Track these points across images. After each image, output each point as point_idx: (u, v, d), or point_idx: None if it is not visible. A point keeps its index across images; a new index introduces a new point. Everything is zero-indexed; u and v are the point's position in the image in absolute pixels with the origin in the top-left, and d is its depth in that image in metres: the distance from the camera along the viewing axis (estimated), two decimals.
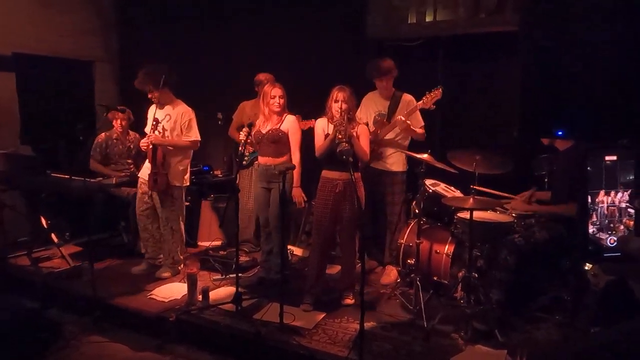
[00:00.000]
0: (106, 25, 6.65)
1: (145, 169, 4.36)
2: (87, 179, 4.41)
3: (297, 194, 4.08)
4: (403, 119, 3.99)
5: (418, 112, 4.16)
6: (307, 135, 4.19)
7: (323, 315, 3.66)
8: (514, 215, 3.69)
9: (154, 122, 4.15)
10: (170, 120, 4.26)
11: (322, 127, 3.78)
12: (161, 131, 4.23)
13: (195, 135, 4.35)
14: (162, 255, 4.52)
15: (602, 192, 0.69)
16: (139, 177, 4.47)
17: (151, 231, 4.46)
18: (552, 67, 2.17)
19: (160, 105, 4.27)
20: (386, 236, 4.41)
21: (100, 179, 4.85)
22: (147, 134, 4.25)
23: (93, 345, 3.53)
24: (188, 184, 4.50)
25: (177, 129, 4.28)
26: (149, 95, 4.23)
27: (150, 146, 4.17)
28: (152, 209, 4.41)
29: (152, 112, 4.34)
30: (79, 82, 6.47)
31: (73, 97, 6.31)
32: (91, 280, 3.81)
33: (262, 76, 4.86)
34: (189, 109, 4.34)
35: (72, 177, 4.61)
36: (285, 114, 4.10)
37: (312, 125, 4.39)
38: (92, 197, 4.86)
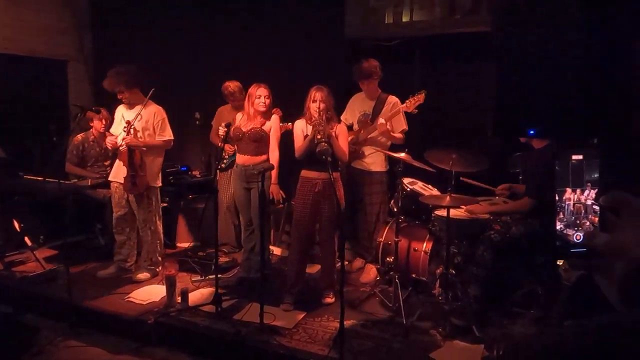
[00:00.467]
0: (80, 25, 6.53)
1: (119, 172, 4.27)
2: (61, 181, 4.33)
3: (275, 191, 4.08)
4: (384, 122, 4.02)
5: (401, 115, 4.19)
6: (286, 137, 4.19)
7: (303, 314, 3.67)
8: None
9: (126, 124, 4.09)
10: (142, 120, 4.20)
11: (301, 128, 3.78)
12: (133, 132, 4.17)
13: (169, 134, 4.31)
14: (130, 259, 4.45)
15: (569, 190, 0.72)
16: (111, 181, 4.37)
17: (128, 234, 4.40)
18: (524, 67, 2.22)
19: (130, 106, 4.22)
20: (366, 235, 4.45)
21: (75, 180, 4.76)
22: (112, 134, 4.20)
23: (69, 350, 3.47)
24: (160, 184, 4.45)
25: (150, 129, 4.24)
26: (119, 96, 4.18)
27: (124, 148, 4.10)
28: (130, 213, 4.35)
29: (120, 112, 4.28)
30: (52, 83, 6.34)
31: (46, 97, 6.18)
32: (67, 284, 3.74)
33: (230, 86, 4.83)
34: (161, 108, 4.30)
35: (46, 179, 4.52)
36: (270, 114, 4.11)
37: (288, 128, 4.40)
38: (67, 199, 4.76)
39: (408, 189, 4.08)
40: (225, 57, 5.54)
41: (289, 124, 4.38)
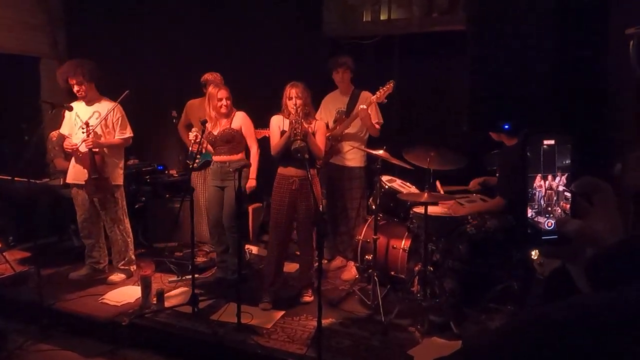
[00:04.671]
0: (53, 20, 6.36)
1: (77, 173, 4.11)
2: (31, 180, 4.19)
3: (251, 186, 4.06)
4: (365, 107, 4.03)
5: (375, 108, 4.21)
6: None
7: (282, 313, 3.63)
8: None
9: (85, 126, 3.95)
10: (100, 118, 4.08)
11: (277, 124, 3.75)
12: (94, 134, 4.02)
13: (129, 131, 4.21)
14: (103, 260, 4.34)
15: (539, 177, 0.70)
16: (70, 183, 4.21)
17: (96, 236, 4.29)
18: (497, 64, 2.24)
19: (88, 102, 4.11)
20: (347, 231, 4.44)
21: (47, 179, 4.62)
22: (64, 134, 4.09)
23: (40, 354, 3.37)
24: (122, 182, 4.33)
25: (110, 127, 4.13)
26: (76, 88, 4.03)
27: (85, 151, 3.96)
28: (95, 214, 4.23)
29: (74, 111, 4.13)
30: (23, 79, 6.16)
31: (17, 94, 6.00)
32: (37, 286, 3.64)
33: (209, 76, 4.75)
34: (118, 104, 4.16)
35: (15, 179, 4.38)
36: (233, 113, 4.06)
37: (267, 135, 4.34)
38: (38, 199, 4.63)
39: (386, 187, 4.07)
40: (202, 54, 5.47)
41: (267, 130, 4.29)
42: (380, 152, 3.75)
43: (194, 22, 5.70)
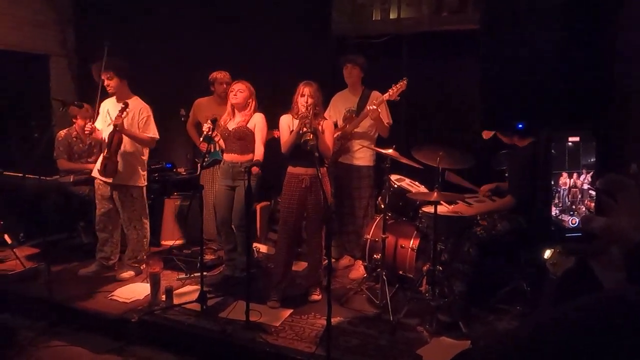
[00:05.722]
0: (62, 18, 6.40)
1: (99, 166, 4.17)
2: (41, 177, 4.22)
3: (256, 171, 4.02)
4: (375, 107, 4.02)
5: (386, 107, 4.21)
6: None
7: (290, 311, 3.64)
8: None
9: (124, 105, 3.95)
10: (128, 117, 4.11)
11: (287, 123, 3.75)
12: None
13: (153, 132, 4.21)
14: (113, 257, 4.36)
15: (564, 174, 0.70)
16: (95, 177, 4.26)
17: (111, 231, 4.32)
18: (511, 62, 2.22)
19: (118, 98, 4.13)
20: (355, 230, 4.44)
21: (57, 177, 4.65)
22: (97, 128, 4.11)
23: (50, 350, 3.39)
24: (145, 183, 4.36)
25: (135, 126, 4.14)
26: (107, 83, 4.06)
27: (112, 128, 3.98)
28: (114, 210, 4.26)
29: (106, 107, 4.18)
30: (33, 77, 6.20)
31: (27, 92, 6.04)
32: (47, 282, 3.66)
33: (217, 74, 4.79)
34: (147, 105, 4.20)
35: (26, 176, 4.41)
36: (253, 112, 4.07)
37: (275, 136, 4.37)
38: (48, 196, 4.66)
39: (395, 186, 4.06)
40: (211, 53, 5.47)
41: (277, 130, 4.31)
42: (390, 151, 3.75)
43: (202, 20, 5.71)
